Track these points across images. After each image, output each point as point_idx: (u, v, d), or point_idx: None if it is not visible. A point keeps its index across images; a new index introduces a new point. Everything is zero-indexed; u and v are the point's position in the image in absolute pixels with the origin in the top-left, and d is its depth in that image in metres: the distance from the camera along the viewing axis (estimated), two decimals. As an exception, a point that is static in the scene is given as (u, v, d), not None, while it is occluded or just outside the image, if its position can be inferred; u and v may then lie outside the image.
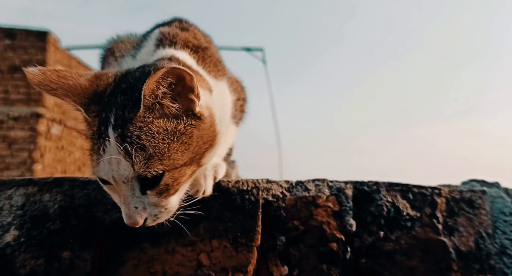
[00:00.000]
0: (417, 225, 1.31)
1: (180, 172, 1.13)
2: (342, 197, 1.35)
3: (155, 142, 1.09)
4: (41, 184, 1.30)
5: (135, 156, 1.06)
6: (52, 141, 11.34)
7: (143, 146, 1.08)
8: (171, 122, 1.13)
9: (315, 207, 1.34)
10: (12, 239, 1.24)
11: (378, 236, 1.30)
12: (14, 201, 1.28)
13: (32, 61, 10.84)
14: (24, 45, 11.04)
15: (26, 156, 10.66)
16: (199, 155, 1.17)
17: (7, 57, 10.95)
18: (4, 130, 10.69)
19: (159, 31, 1.51)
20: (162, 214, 1.15)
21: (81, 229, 1.27)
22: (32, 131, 10.76)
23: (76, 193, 1.30)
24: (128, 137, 1.07)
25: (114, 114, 1.11)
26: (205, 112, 1.20)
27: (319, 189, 1.37)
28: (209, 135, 1.19)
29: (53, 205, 1.28)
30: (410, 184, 1.36)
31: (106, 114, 1.12)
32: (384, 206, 1.33)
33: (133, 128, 1.09)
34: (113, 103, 1.14)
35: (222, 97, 1.48)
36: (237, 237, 1.30)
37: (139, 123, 1.09)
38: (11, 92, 10.88)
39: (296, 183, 1.38)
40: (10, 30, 11.10)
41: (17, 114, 10.74)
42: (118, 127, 1.09)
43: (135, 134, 1.08)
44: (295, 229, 1.32)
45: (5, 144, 10.68)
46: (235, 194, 1.34)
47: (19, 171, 10.56)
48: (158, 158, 1.08)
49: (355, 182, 1.38)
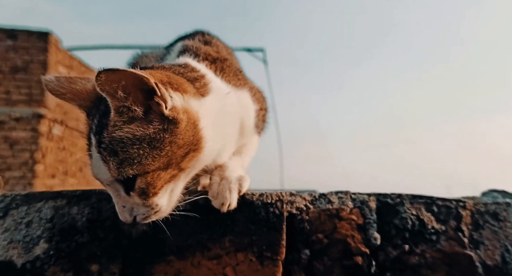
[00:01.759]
0: (442, 239, 1.32)
1: (154, 176, 1.16)
2: (365, 210, 1.36)
3: (125, 148, 1.13)
4: (69, 197, 1.31)
5: (109, 161, 1.12)
6: (54, 142, 11.32)
7: (115, 151, 1.13)
8: (141, 126, 1.15)
9: (339, 220, 1.35)
10: (41, 252, 1.25)
11: (403, 249, 1.31)
12: (43, 214, 1.29)
13: (33, 62, 10.85)
14: (25, 46, 11.03)
15: (28, 156, 10.65)
16: (177, 160, 1.18)
17: (8, 58, 10.93)
18: (6, 130, 10.68)
19: (182, 44, 1.54)
20: (151, 213, 1.18)
21: (109, 241, 1.28)
22: (33, 132, 10.75)
23: (103, 206, 1.30)
24: (103, 143, 1.13)
25: (96, 120, 1.19)
26: (181, 116, 1.20)
27: (342, 202, 1.38)
28: (186, 140, 1.20)
29: (81, 218, 1.29)
30: (434, 197, 1.37)
31: (93, 120, 1.21)
32: (408, 219, 1.34)
33: (107, 134, 1.14)
34: (97, 109, 1.21)
35: (243, 106, 1.50)
36: (262, 250, 1.30)
37: (111, 128, 1.14)
38: (12, 92, 10.87)
39: (319, 196, 1.39)
40: (11, 30, 11.09)
41: (19, 115, 10.73)
42: (97, 133, 1.16)
43: (107, 140, 1.13)
44: (319, 242, 1.33)
45: (7, 144, 10.67)
46: (259, 207, 1.34)
47: (20, 172, 10.56)
48: (128, 163, 1.13)
49: (378, 194, 1.39)
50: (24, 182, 10.52)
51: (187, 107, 1.23)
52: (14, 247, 1.26)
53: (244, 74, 1.65)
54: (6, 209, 1.31)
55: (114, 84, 1.08)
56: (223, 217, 1.31)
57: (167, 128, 1.16)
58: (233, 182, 1.32)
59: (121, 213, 1.18)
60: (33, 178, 10.55)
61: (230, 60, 1.62)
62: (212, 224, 1.32)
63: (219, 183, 1.32)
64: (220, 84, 1.43)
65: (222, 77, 1.47)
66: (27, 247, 1.26)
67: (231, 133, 1.44)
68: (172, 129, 1.17)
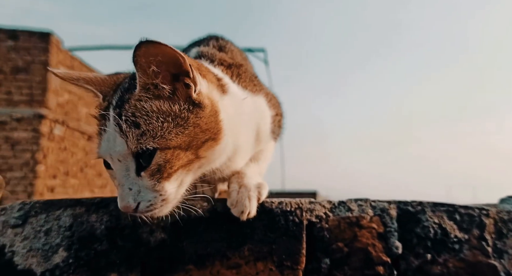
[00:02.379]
0: (465, 248, 1.30)
1: (173, 154, 1.15)
2: (386, 218, 1.34)
3: (148, 120, 1.14)
4: (88, 205, 1.29)
5: (129, 132, 1.12)
6: (55, 142, 11.31)
7: (137, 124, 1.13)
8: (166, 103, 1.17)
9: (359, 228, 1.33)
10: (61, 260, 1.24)
11: (425, 259, 1.29)
12: (62, 222, 1.28)
13: (34, 62, 10.84)
14: (26, 46, 11.01)
15: (29, 157, 10.64)
16: (197, 144, 1.18)
17: (10, 58, 10.92)
18: (7, 131, 10.67)
19: (197, 51, 1.54)
20: (157, 201, 1.15)
21: (127, 249, 1.27)
22: (34, 132, 10.74)
23: (121, 214, 1.29)
24: (124, 115, 1.13)
25: (117, 96, 1.20)
26: (206, 102, 1.22)
27: (362, 209, 1.36)
28: (209, 126, 1.20)
29: (100, 226, 1.27)
30: (456, 205, 1.35)
31: (112, 97, 1.22)
32: (431, 228, 1.32)
33: (129, 107, 1.15)
34: (119, 88, 1.23)
35: (260, 112, 1.49)
36: (282, 259, 1.29)
37: (134, 101, 1.15)
38: (14, 93, 10.85)
39: (339, 203, 1.37)
40: (12, 31, 11.08)
41: (20, 115, 10.71)
42: (117, 107, 1.17)
43: (130, 112, 1.14)
44: (339, 251, 1.31)
45: (8, 145, 10.65)
46: (278, 215, 1.33)
47: (22, 172, 10.54)
48: (150, 135, 1.13)
49: (398, 202, 1.37)
50: (25, 183, 10.52)
51: (210, 96, 1.25)
52: (33, 255, 1.24)
53: (259, 80, 1.64)
54: (25, 216, 1.29)
55: (150, 57, 1.10)
56: (242, 225, 1.30)
57: (192, 109, 1.18)
58: (252, 189, 1.31)
59: (124, 196, 1.12)
60: (34, 178, 10.54)
61: (245, 65, 1.61)
62: (231, 232, 1.31)
63: (237, 191, 1.31)
64: (236, 89, 1.42)
65: (239, 83, 1.46)
66: (46, 256, 1.24)
67: (247, 137, 1.43)
68: (197, 112, 1.19)
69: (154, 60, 1.11)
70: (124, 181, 1.14)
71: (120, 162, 1.14)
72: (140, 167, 1.14)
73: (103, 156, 1.17)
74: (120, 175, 1.15)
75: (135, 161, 1.14)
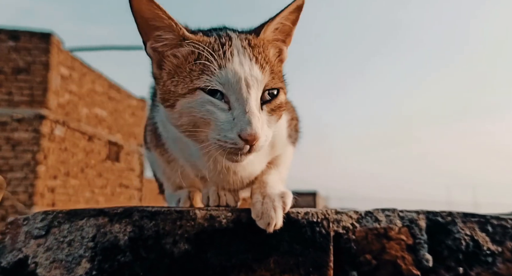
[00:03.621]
0: (498, 261, 1.26)
1: (286, 100, 1.30)
2: (415, 229, 1.31)
3: (272, 63, 1.26)
4: (111, 215, 1.25)
5: (265, 65, 1.20)
6: (56, 143, 11.29)
7: (268, 62, 1.23)
8: (277, 53, 1.35)
9: (387, 239, 1.29)
10: (84, 272, 1.19)
11: (457, 272, 1.25)
12: (85, 232, 1.23)
13: (35, 63, 10.82)
14: (27, 47, 11.00)
15: (30, 157, 10.62)
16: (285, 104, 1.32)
17: (10, 59, 10.91)
18: (8, 131, 10.65)
19: None
20: (266, 141, 1.21)
21: (151, 261, 1.23)
22: (35, 133, 10.72)
23: (145, 224, 1.25)
24: (257, 51, 1.23)
25: (235, 32, 1.30)
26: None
27: (390, 220, 1.32)
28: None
29: (123, 237, 1.23)
30: (488, 215, 1.32)
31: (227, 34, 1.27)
32: (462, 240, 1.28)
33: (260, 45, 1.27)
34: (230, 29, 1.33)
35: None
36: (309, 272, 1.25)
37: (261, 41, 1.28)
38: (14, 93, 10.83)
39: (366, 214, 1.34)
40: (13, 31, 11.06)
41: (21, 116, 10.69)
42: (246, 39, 1.25)
43: (262, 50, 1.25)
44: (367, 264, 1.27)
45: (9, 145, 10.63)
46: (304, 226, 1.29)
47: (22, 173, 10.52)
48: (277, 76, 1.26)
49: (427, 212, 1.33)
50: (26, 183, 10.50)
51: None
52: (56, 266, 1.20)
53: None
54: (48, 227, 1.25)
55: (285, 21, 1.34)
56: (268, 236, 1.26)
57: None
58: (276, 199, 1.27)
59: (256, 124, 1.12)
60: (35, 179, 10.52)
61: None
62: (256, 243, 1.26)
63: (262, 202, 1.27)
64: None
65: None
66: (70, 267, 1.20)
67: None
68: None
69: (283, 23, 1.32)
70: (255, 109, 1.14)
71: (251, 90, 1.15)
72: (263, 100, 1.20)
73: (231, 79, 1.15)
74: (252, 102, 1.14)
75: (262, 93, 1.19)
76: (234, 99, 1.15)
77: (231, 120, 1.15)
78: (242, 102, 1.14)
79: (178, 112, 1.20)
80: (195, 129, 1.19)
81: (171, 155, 1.61)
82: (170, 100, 1.21)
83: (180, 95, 1.18)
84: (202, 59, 1.18)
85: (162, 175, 1.80)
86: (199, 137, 1.21)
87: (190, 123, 1.19)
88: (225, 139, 1.14)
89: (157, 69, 1.27)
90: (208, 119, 1.16)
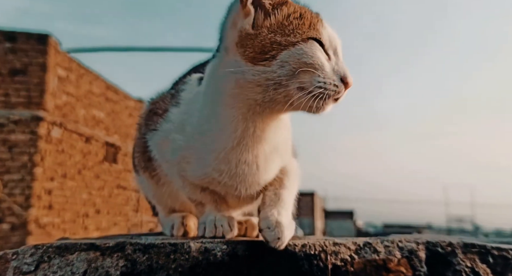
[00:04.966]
0: (500, 294, 1.23)
1: None
2: (414, 260, 1.28)
3: None
4: (102, 249, 1.21)
5: None
6: (53, 144, 11.23)
7: None
8: None
9: (386, 272, 1.26)
10: (74, 314, 1.16)
11: (458, 306, 1.23)
12: (75, 267, 1.20)
13: (32, 64, 10.76)
14: (24, 48, 10.93)
15: (27, 159, 10.56)
16: None
17: (7, 60, 10.84)
18: (5, 133, 10.59)
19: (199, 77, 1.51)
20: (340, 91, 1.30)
21: (143, 298, 1.20)
22: (32, 134, 10.66)
23: (137, 258, 1.21)
24: None
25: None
26: None
27: (389, 251, 1.29)
28: None
29: (115, 271, 1.20)
30: (488, 245, 1.29)
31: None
32: (463, 272, 1.25)
33: None
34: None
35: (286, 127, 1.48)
36: (306, 306, 1.22)
37: None
38: (11, 95, 10.77)
39: (364, 244, 1.31)
40: (10, 33, 10.99)
41: (18, 118, 10.63)
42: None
43: None
44: (366, 296, 1.24)
45: (6, 147, 10.57)
46: (302, 259, 1.26)
47: (19, 175, 10.47)
48: None
49: (426, 243, 1.30)
50: (23, 185, 10.44)
51: None
52: (45, 306, 1.17)
53: None
54: (37, 262, 1.21)
55: None
56: (263, 269, 1.23)
57: None
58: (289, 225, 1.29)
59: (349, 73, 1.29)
60: (32, 181, 10.46)
61: None
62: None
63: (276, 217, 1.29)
64: None
65: None
66: (59, 307, 1.17)
67: None
68: None
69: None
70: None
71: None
72: None
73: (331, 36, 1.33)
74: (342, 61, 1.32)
75: None
76: (332, 53, 1.31)
77: (333, 67, 1.28)
78: (338, 56, 1.32)
79: (278, 63, 1.24)
80: (291, 78, 1.25)
81: (162, 178, 1.58)
82: (272, 51, 1.25)
83: (290, 43, 1.26)
84: (308, 18, 1.32)
85: (153, 199, 1.77)
86: (291, 87, 1.25)
87: (289, 72, 1.24)
88: (329, 82, 1.25)
89: (256, 25, 1.31)
90: (316, 65, 1.25)
